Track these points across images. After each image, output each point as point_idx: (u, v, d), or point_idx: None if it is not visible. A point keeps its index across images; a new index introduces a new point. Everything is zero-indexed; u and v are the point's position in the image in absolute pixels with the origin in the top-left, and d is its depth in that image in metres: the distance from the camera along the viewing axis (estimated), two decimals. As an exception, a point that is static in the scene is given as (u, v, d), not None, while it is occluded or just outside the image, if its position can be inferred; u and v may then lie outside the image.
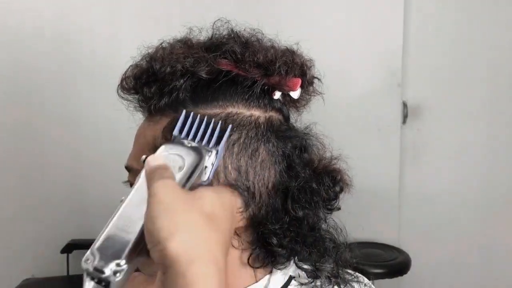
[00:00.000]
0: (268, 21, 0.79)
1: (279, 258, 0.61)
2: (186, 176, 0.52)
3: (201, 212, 0.48)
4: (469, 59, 2.13)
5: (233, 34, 0.63)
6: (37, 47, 1.86)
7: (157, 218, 0.45)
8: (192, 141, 0.55)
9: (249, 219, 0.59)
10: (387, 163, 2.15)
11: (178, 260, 0.44)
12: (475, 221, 2.18)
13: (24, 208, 1.96)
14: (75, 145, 1.94)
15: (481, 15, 2.11)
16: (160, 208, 0.46)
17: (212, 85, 0.60)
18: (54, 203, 1.96)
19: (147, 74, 0.61)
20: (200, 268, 0.44)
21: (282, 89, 0.62)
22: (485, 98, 2.15)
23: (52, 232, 1.96)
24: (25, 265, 1.94)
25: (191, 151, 0.54)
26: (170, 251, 0.44)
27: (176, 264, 0.44)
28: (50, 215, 1.97)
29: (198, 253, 0.45)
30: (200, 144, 0.55)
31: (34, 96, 1.90)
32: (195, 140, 0.56)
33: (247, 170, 0.58)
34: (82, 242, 1.90)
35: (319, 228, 0.63)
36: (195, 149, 0.54)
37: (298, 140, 0.63)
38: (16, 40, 1.85)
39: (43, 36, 1.86)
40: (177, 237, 0.44)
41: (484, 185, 2.18)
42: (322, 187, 0.62)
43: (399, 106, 2.14)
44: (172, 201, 0.47)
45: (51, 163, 1.92)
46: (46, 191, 1.95)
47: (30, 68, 1.87)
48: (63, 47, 1.88)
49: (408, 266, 1.92)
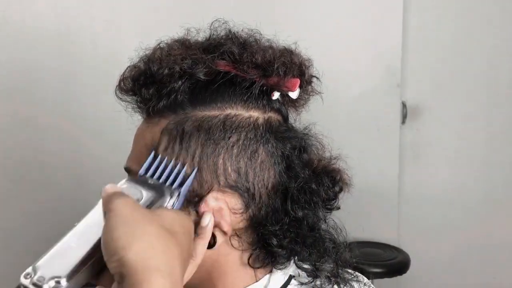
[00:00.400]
0: (266, 21, 0.79)
1: (279, 258, 0.61)
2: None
3: (161, 225, 0.47)
4: (469, 59, 2.13)
5: (231, 35, 0.63)
6: (38, 46, 1.86)
7: (115, 229, 0.45)
8: (156, 180, 0.55)
9: (249, 220, 0.59)
10: (386, 162, 2.15)
11: (136, 269, 0.43)
12: (474, 221, 2.18)
13: (24, 208, 1.96)
14: (76, 145, 1.94)
15: (480, 15, 2.11)
16: (118, 220, 0.45)
17: (210, 86, 0.60)
18: (55, 203, 1.96)
19: (145, 76, 0.61)
20: (157, 279, 0.43)
21: (281, 90, 0.62)
22: (484, 98, 2.15)
23: (53, 232, 1.95)
24: (26, 265, 1.94)
25: (151, 188, 0.54)
26: (127, 260, 0.43)
27: (133, 274, 0.43)
28: (50, 215, 1.97)
29: (155, 264, 0.44)
30: (163, 184, 0.55)
31: (34, 96, 1.90)
32: (160, 180, 0.56)
33: (247, 172, 0.58)
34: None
35: (318, 228, 0.63)
36: (157, 187, 0.54)
37: (297, 140, 0.63)
38: (17, 39, 1.85)
39: (43, 35, 1.86)
40: (134, 247, 0.43)
41: (483, 184, 2.18)
42: (321, 187, 0.62)
43: (398, 106, 2.13)
44: (131, 214, 0.46)
45: (52, 163, 1.92)
46: (47, 191, 1.95)
47: (30, 67, 1.86)
48: (64, 46, 1.88)
49: (407, 266, 1.92)
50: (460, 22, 2.12)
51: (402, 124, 2.17)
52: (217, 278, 0.61)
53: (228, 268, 0.61)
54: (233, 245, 0.60)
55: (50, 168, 1.94)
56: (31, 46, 1.86)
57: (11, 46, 1.85)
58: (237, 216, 0.58)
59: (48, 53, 1.87)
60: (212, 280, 0.62)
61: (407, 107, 2.16)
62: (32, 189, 1.95)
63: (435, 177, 2.19)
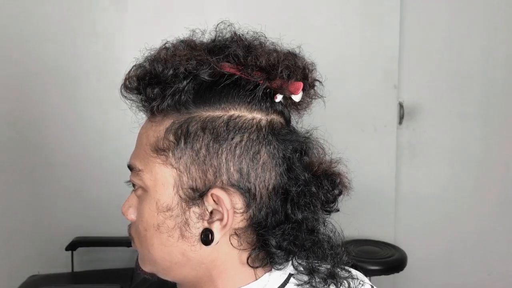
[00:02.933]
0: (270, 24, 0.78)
1: (277, 259, 0.61)
2: None
3: None
4: (464, 60, 2.13)
5: (236, 37, 0.62)
6: (41, 48, 1.86)
7: None
8: None
9: (249, 219, 0.59)
10: (383, 162, 2.15)
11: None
12: (470, 219, 2.18)
13: (29, 207, 1.95)
14: (79, 145, 1.93)
15: (476, 17, 2.11)
16: None
17: (215, 87, 0.60)
18: (59, 201, 1.96)
19: (150, 76, 0.60)
20: None
21: (284, 93, 0.61)
22: (480, 99, 2.15)
23: (57, 230, 1.96)
24: (31, 262, 1.94)
25: None
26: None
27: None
28: (55, 213, 1.97)
29: None
30: None
31: (38, 98, 1.89)
32: None
33: (249, 172, 0.58)
34: (87, 239, 1.90)
35: (317, 231, 0.63)
36: None
37: (299, 143, 0.62)
38: (20, 42, 1.85)
39: (46, 37, 1.86)
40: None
41: (478, 184, 2.19)
42: (321, 190, 0.61)
43: (395, 107, 2.13)
44: None
45: (56, 162, 1.92)
46: (51, 189, 1.95)
47: (33, 70, 1.86)
48: (67, 48, 1.88)
49: (404, 263, 1.92)
50: (456, 24, 2.12)
51: (399, 124, 2.17)
52: (217, 276, 0.61)
53: (228, 266, 0.61)
54: (232, 244, 0.60)
55: (55, 167, 1.94)
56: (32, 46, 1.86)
57: (12, 46, 1.85)
58: (237, 215, 0.58)
59: (51, 52, 1.87)
60: (212, 279, 0.62)
61: (404, 107, 2.16)
62: (37, 187, 1.95)
63: (432, 176, 2.19)
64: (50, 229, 1.95)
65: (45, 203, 1.95)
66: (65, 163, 1.92)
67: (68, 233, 1.89)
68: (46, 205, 1.95)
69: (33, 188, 1.93)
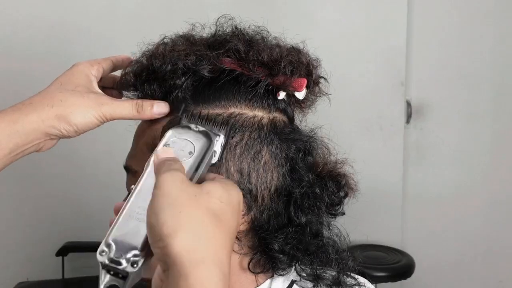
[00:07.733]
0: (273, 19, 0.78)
1: (280, 264, 0.61)
2: (197, 162, 0.52)
3: (208, 208, 0.46)
4: (473, 57, 2.13)
5: (237, 32, 0.62)
6: (34, 47, 1.86)
7: (161, 210, 0.44)
8: (199, 125, 0.55)
9: (250, 222, 0.59)
10: (390, 163, 2.14)
11: (181, 261, 0.42)
12: (480, 223, 2.18)
13: (18, 210, 1.95)
14: (70, 146, 1.92)
15: (485, 13, 2.11)
16: (164, 201, 0.45)
17: (214, 84, 0.60)
18: (49, 205, 1.96)
19: (148, 71, 0.61)
20: (204, 272, 0.43)
21: (287, 90, 0.61)
22: (490, 97, 2.15)
23: (47, 234, 1.95)
24: (20, 268, 1.93)
25: (200, 135, 0.54)
26: (173, 249, 0.43)
27: (178, 265, 0.42)
28: (45, 217, 1.96)
29: (202, 255, 0.43)
30: (208, 127, 0.55)
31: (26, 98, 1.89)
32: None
33: (250, 173, 0.58)
34: (78, 244, 1.89)
35: (322, 235, 0.63)
36: (204, 133, 0.54)
37: (302, 143, 0.62)
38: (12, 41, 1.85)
39: (40, 36, 1.86)
40: (180, 235, 0.43)
41: (489, 186, 2.18)
42: (325, 192, 0.61)
43: (402, 105, 2.13)
44: (178, 194, 0.45)
45: (46, 164, 1.91)
46: (41, 192, 1.95)
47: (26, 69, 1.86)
48: (61, 45, 1.87)
49: (411, 269, 1.91)
50: (465, 20, 2.12)
51: (406, 123, 2.16)
52: None
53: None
54: (233, 248, 0.60)
55: (45, 170, 1.94)
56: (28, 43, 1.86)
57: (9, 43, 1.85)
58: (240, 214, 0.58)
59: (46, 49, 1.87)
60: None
61: (412, 106, 2.16)
62: (27, 190, 1.94)
63: (440, 177, 2.18)
64: (39, 234, 1.95)
65: (35, 207, 1.94)
66: (55, 166, 1.92)
67: (59, 237, 1.89)
68: (35, 209, 1.94)
69: (22, 191, 1.93)
